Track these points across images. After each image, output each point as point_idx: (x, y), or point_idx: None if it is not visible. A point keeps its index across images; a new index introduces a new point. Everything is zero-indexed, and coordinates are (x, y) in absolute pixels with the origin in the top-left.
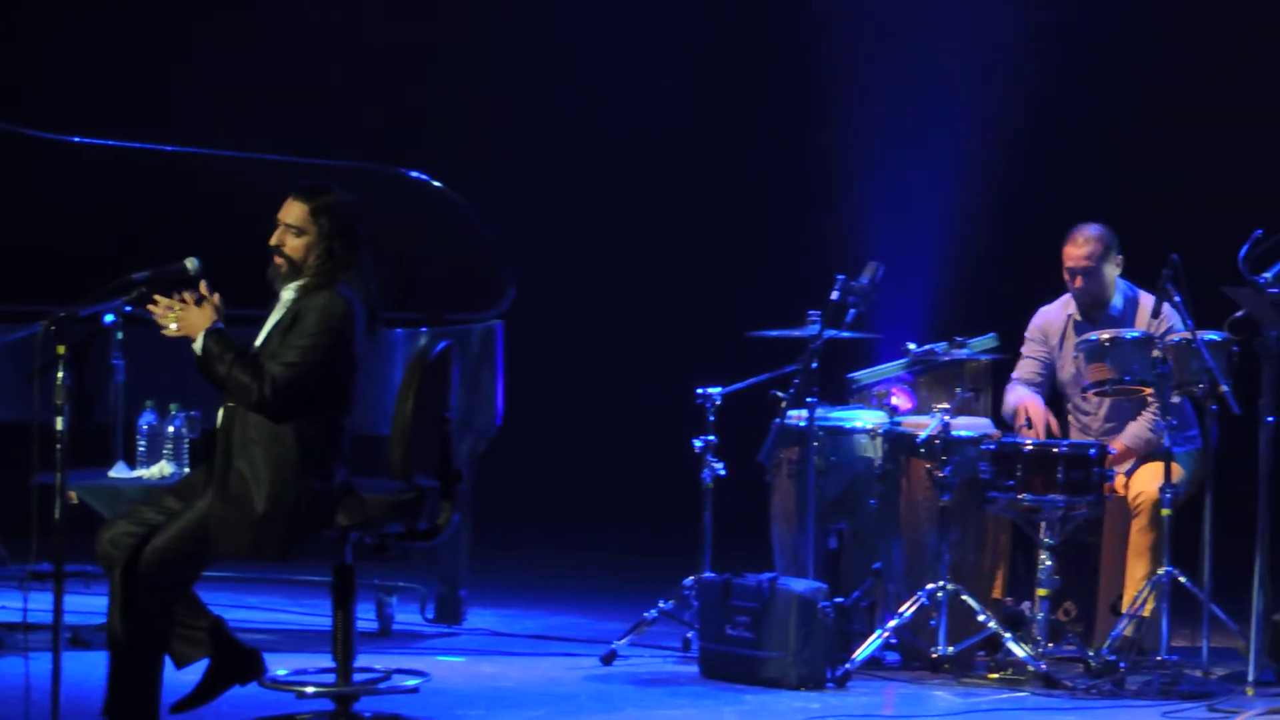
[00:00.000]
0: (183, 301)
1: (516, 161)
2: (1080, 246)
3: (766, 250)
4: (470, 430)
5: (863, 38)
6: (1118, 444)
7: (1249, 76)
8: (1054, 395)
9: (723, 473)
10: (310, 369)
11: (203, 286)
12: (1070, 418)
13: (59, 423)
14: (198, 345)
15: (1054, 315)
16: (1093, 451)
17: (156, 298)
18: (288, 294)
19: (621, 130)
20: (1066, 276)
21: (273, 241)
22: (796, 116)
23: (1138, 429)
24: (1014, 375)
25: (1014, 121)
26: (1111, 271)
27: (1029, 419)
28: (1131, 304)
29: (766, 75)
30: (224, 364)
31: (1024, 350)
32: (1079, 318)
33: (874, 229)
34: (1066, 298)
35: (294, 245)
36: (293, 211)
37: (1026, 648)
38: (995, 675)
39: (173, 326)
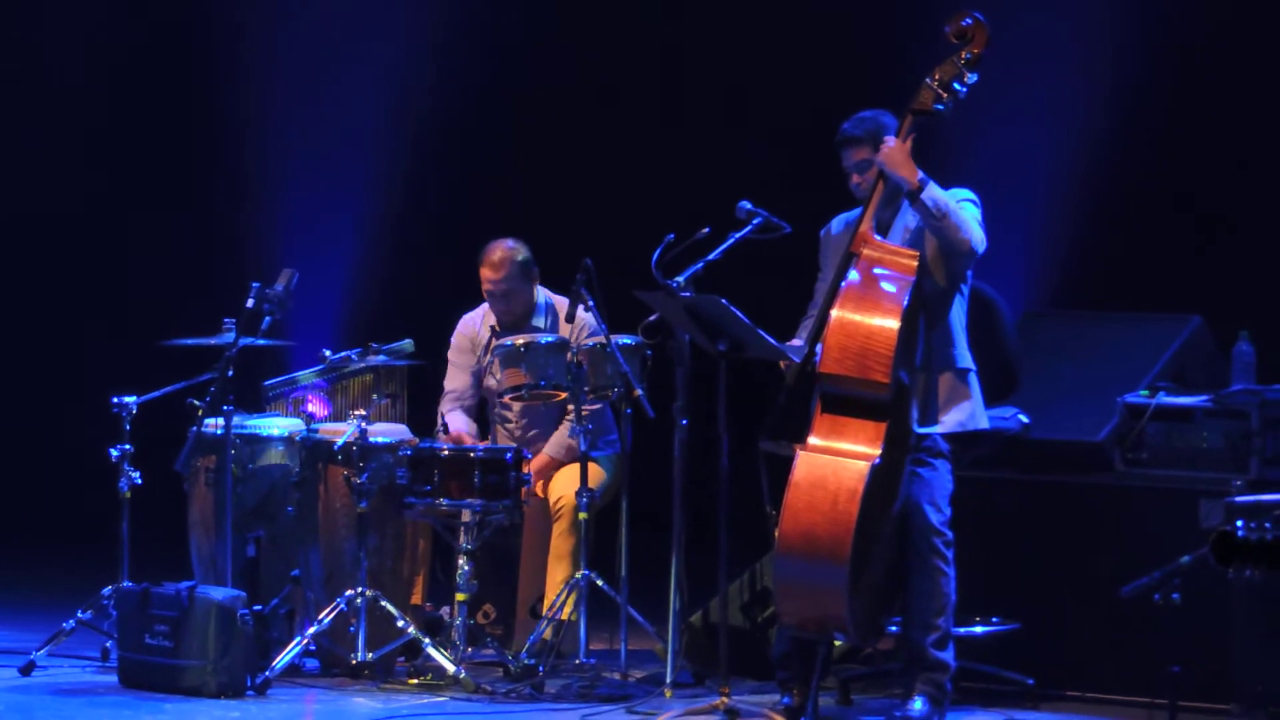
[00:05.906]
0: None
1: None
2: (496, 270)
3: (180, 257)
4: None
5: (277, 40)
6: (542, 455)
7: (675, 78)
8: (483, 402)
9: (139, 481)
10: None
11: None
12: (494, 424)
13: None
14: None
15: (477, 323)
16: (509, 456)
17: None
18: None
19: (32, 132)
20: (486, 296)
21: None
22: (207, 122)
23: (560, 437)
24: (445, 386)
25: (423, 126)
26: (530, 286)
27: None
28: (550, 310)
29: (184, 84)
30: None
31: (450, 358)
32: (499, 327)
33: (288, 236)
34: (487, 306)
35: None
36: None
37: (446, 653)
38: (415, 681)
39: None
